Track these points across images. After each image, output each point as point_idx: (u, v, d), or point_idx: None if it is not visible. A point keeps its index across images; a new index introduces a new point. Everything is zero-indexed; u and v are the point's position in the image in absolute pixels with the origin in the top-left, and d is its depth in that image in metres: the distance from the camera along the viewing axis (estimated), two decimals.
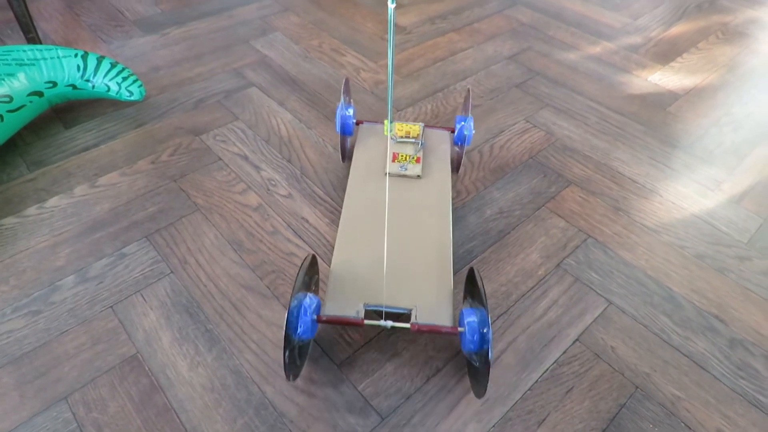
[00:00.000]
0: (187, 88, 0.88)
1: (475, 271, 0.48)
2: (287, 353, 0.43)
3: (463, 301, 0.54)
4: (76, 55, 0.76)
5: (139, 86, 0.79)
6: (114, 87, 0.78)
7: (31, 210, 0.67)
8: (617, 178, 0.75)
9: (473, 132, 0.72)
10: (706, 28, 1.12)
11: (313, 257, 0.51)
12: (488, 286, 0.60)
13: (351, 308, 0.51)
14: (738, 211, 0.71)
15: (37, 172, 0.72)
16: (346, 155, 0.75)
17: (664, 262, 0.64)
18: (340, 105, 0.69)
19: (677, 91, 0.93)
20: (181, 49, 0.97)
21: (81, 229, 0.64)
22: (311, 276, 0.51)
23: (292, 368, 0.46)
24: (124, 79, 0.78)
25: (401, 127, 0.69)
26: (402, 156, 0.67)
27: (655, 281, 0.62)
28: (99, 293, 0.57)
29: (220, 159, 0.75)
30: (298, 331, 0.46)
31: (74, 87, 0.76)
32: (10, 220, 0.65)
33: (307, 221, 0.67)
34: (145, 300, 0.57)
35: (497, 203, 0.70)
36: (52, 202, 0.68)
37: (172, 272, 0.60)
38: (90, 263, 0.60)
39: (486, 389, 0.44)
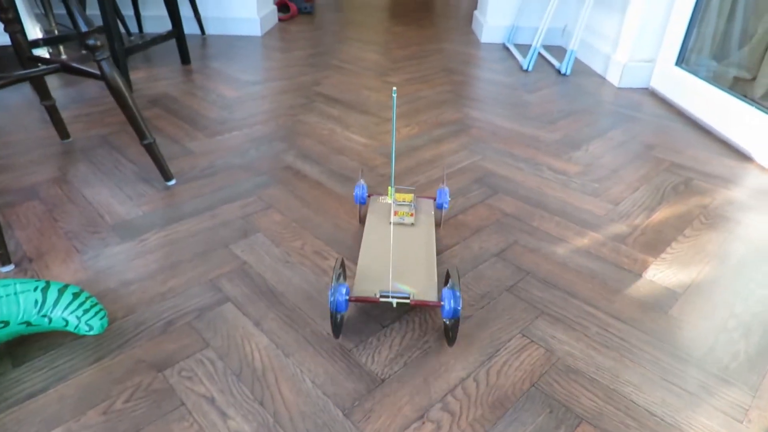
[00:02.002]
0: (156, 308, 0.82)
1: (452, 270, 0.74)
2: (332, 321, 0.72)
3: (445, 286, 0.76)
4: (35, 289, 0.71)
5: (101, 318, 0.73)
6: (73, 320, 0.71)
7: None
8: (632, 410, 0.67)
9: (449, 200, 1.08)
10: (687, 213, 1.13)
11: (342, 260, 0.76)
12: None
13: (370, 293, 0.77)
14: None
15: None
16: (361, 218, 1.06)
17: None
18: (358, 184, 1.00)
19: (675, 289, 0.89)
20: (156, 257, 0.94)
21: None
22: (341, 273, 0.75)
23: (336, 331, 0.74)
24: (86, 311, 0.72)
25: (399, 195, 1.00)
26: (401, 212, 0.97)
27: None
28: None
29: (183, 404, 0.66)
30: (337, 306, 0.71)
31: (29, 324, 0.70)
32: None
33: None
34: None
35: None
36: None
37: None
38: None
39: (455, 340, 0.75)
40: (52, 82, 1.84)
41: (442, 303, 0.72)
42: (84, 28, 1.00)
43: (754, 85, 1.58)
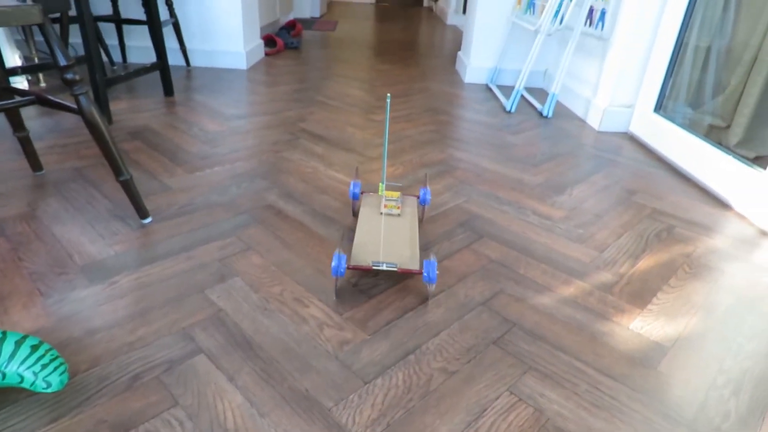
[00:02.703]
0: (123, 359, 0.77)
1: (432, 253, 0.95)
2: (336, 284, 0.94)
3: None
4: None
5: (61, 373, 0.68)
6: (29, 377, 0.66)
7: None
8: None
9: (430, 197, 1.21)
10: (671, 261, 1.12)
11: (343, 234, 1.08)
12: None
13: (364, 262, 0.94)
14: None
15: None
16: (354, 211, 1.24)
17: None
18: (352, 182, 1.18)
19: (663, 343, 0.88)
20: (126, 303, 0.89)
21: None
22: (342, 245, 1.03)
23: (337, 293, 0.94)
24: (44, 366, 0.67)
25: (388, 192, 1.17)
26: (389, 205, 1.13)
27: None
28: None
29: None
30: (338, 271, 0.89)
31: None
32: None
33: None
34: None
35: None
36: None
37: None
38: None
39: (429, 297, 0.95)
40: (29, 111, 1.79)
41: (423, 272, 0.90)
42: (62, 62, 0.98)
43: (729, 133, 1.63)
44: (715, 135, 1.68)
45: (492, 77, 2.66)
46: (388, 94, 0.84)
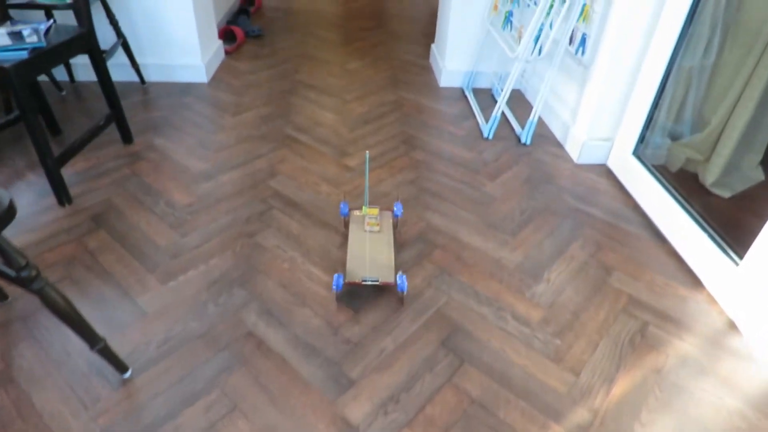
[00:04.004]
0: None
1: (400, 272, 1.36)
2: (336, 295, 1.36)
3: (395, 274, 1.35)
4: None
5: None
6: None
7: None
8: None
9: (402, 211, 1.62)
10: (643, 384, 1.17)
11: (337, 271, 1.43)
12: None
13: (356, 278, 1.31)
14: None
15: None
16: (345, 225, 1.60)
17: None
18: (342, 203, 1.55)
19: None
20: None
21: None
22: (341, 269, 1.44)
23: (339, 301, 1.34)
24: None
25: (370, 211, 1.51)
26: (371, 223, 1.49)
27: None
28: None
29: None
30: (338, 287, 1.30)
31: None
32: None
33: None
34: None
35: None
36: None
37: None
38: None
39: (403, 303, 1.35)
40: None
41: (397, 283, 1.30)
42: (16, 264, 0.91)
43: (706, 169, 1.61)
44: (692, 166, 1.67)
45: (467, 82, 2.54)
46: (367, 152, 1.31)
